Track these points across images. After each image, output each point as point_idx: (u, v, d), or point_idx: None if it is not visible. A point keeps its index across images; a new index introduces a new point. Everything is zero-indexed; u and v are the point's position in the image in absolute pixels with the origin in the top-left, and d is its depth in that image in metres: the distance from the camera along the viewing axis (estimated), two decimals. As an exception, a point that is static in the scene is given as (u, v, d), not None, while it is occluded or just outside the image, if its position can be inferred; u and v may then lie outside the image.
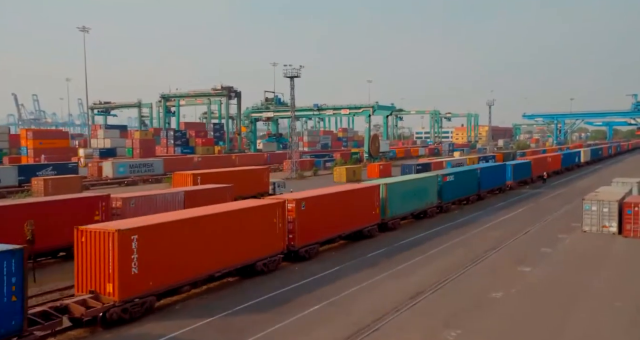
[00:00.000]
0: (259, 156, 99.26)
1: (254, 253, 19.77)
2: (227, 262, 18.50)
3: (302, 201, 22.46)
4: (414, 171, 56.71)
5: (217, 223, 18.08)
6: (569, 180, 64.40)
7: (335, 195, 25.25)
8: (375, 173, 72.62)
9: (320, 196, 24.05)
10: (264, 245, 20.28)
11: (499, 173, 50.04)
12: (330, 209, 24.51)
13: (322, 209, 23.86)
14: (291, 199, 22.16)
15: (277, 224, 20.81)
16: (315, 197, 23.68)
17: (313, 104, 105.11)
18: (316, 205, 23.50)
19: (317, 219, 23.45)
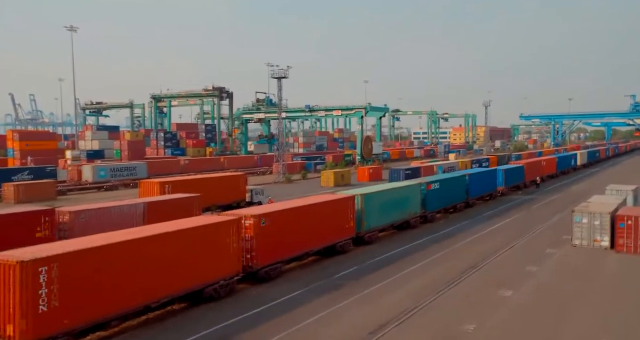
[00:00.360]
0: (249, 159, 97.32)
1: (203, 278, 17.78)
2: (168, 290, 16.51)
3: (262, 217, 20.46)
4: (402, 176, 54.73)
5: (157, 246, 16.10)
6: (564, 185, 62.42)
7: (303, 209, 23.23)
8: (366, 177, 70.73)
9: (284, 211, 22.02)
10: (215, 269, 18.29)
11: (490, 179, 48.06)
12: (297, 224, 22.52)
13: (287, 225, 21.87)
14: (249, 215, 20.16)
15: (231, 244, 18.82)
16: (278, 212, 21.66)
17: (305, 105, 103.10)
18: (280, 220, 21.51)
19: (281, 236, 21.47)
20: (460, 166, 69.02)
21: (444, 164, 65.74)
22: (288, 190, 58.86)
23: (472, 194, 43.30)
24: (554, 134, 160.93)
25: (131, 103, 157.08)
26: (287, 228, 21.88)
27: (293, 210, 22.55)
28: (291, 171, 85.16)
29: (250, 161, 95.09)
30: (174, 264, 16.59)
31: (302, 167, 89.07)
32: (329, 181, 63.53)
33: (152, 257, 15.83)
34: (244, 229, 19.99)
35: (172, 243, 16.61)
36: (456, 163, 68.71)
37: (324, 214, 24.51)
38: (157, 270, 15.99)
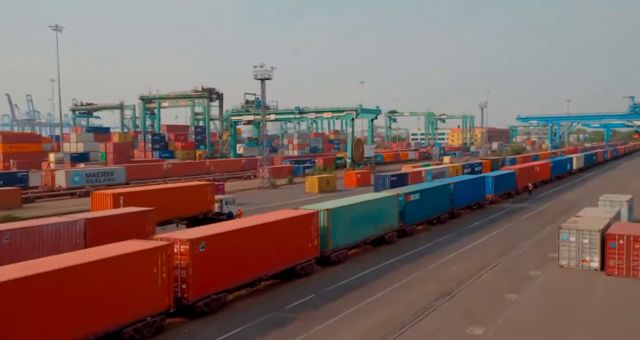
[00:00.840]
0: (236, 162, 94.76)
1: (120, 316, 15.26)
2: (73, 334, 13.99)
3: (200, 241, 17.94)
4: (387, 183, 52.26)
5: (58, 283, 13.58)
6: (558, 191, 59.91)
7: (253, 229, 20.67)
8: (353, 182, 68.25)
9: (229, 233, 19.48)
10: (138, 304, 15.76)
11: (478, 186, 45.55)
12: (246, 246, 20.00)
13: (233, 248, 19.36)
14: (184, 239, 17.63)
15: (158, 275, 16.31)
16: (222, 234, 19.11)
17: (295, 107, 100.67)
18: (224, 243, 18.99)
19: (225, 261, 18.96)
20: (450, 171, 66.46)
21: (433, 169, 63.19)
22: (269, 197, 56.34)
23: (458, 203, 40.80)
24: (551, 136, 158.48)
25: (121, 104, 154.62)
26: (234, 251, 19.37)
27: (241, 231, 20.00)
28: (279, 175, 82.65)
29: (237, 164, 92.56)
30: (84, 301, 14.07)
31: (290, 171, 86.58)
32: (313, 187, 61.01)
33: (55, 296, 13.32)
34: (178, 255, 17.49)
35: (81, 277, 14.08)
36: (446, 168, 66.15)
37: (281, 233, 22.00)
38: (60, 311, 13.47)
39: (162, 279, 16.43)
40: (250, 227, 20.47)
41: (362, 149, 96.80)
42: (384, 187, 52.54)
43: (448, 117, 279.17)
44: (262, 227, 21.04)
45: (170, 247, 16.98)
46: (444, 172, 65.00)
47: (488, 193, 48.79)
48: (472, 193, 43.97)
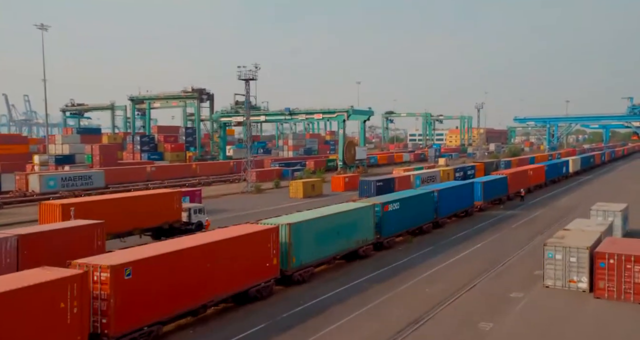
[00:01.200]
0: (224, 164, 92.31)
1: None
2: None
3: (125, 267, 15.63)
4: (373, 188, 49.97)
5: None
6: (552, 196, 57.56)
7: (195, 251, 18.29)
8: (340, 186, 65.92)
9: (163, 256, 17.10)
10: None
11: (465, 193, 43.21)
12: (185, 269, 17.69)
13: (168, 272, 17.04)
14: (105, 266, 15.31)
15: (67, 310, 14.00)
16: (153, 258, 16.75)
17: (285, 108, 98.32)
18: (156, 268, 16.66)
19: (157, 288, 16.63)
20: (441, 175, 64.17)
21: (422, 173, 60.84)
22: (250, 203, 54.02)
23: (442, 212, 38.46)
24: (549, 137, 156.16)
25: (112, 104, 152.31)
26: (170, 276, 17.05)
27: (178, 253, 17.65)
28: (267, 178, 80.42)
29: (225, 167, 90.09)
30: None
31: (279, 174, 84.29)
32: (298, 192, 58.66)
33: None
34: (98, 285, 15.19)
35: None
36: (437, 172, 63.83)
37: (231, 253, 19.68)
38: None
39: (72, 314, 14.12)
40: (191, 249, 18.11)
41: (353, 151, 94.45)
42: (369, 193, 50.31)
43: (446, 117, 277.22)
44: (206, 247, 18.69)
45: (85, 276, 14.66)
46: (434, 177, 62.72)
47: (477, 200, 46.49)
48: (459, 200, 41.65)
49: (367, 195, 50.36)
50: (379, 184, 50.59)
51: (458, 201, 41.52)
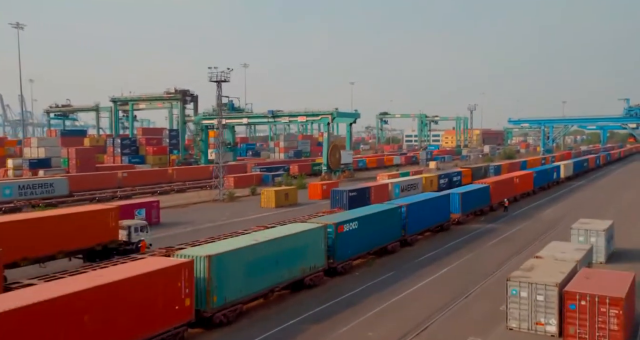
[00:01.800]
0: (203, 169, 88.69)
1: None
2: None
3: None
4: (345, 199, 46.69)
5: None
6: (538, 206, 54.26)
7: (70, 300, 14.85)
8: (318, 194, 62.57)
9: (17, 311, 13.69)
10: None
11: (440, 206, 39.89)
12: (57, 325, 14.35)
13: (30, 332, 13.72)
14: None
15: None
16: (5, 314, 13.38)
17: (267, 111, 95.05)
18: (14, 328, 13.33)
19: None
20: (423, 183, 60.96)
21: (402, 181, 57.56)
22: (217, 213, 50.68)
23: (412, 228, 35.18)
24: (543, 140, 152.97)
25: (96, 106, 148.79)
26: (32, 336, 13.72)
27: (43, 305, 14.26)
28: (246, 184, 77.15)
29: (204, 172, 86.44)
30: None
31: (258, 180, 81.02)
32: (269, 201, 55.31)
33: None
34: None
35: None
36: (418, 180, 60.57)
37: (125, 297, 16.34)
38: None
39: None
40: (64, 297, 14.70)
41: (338, 155, 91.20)
42: (341, 204, 47.08)
43: (442, 118, 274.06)
44: (75, 298, 15.09)
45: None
46: (415, 184, 59.52)
47: (455, 212, 43.24)
48: (432, 214, 38.37)
49: (339, 206, 47.15)
50: (352, 194, 47.28)
51: (432, 215, 38.25)
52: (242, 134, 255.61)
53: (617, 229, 33.53)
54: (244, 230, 32.02)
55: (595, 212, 47.89)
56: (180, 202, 59.42)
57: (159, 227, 41.92)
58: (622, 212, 48.65)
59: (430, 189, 62.80)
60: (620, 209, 51.16)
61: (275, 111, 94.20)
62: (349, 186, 50.50)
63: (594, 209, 50.12)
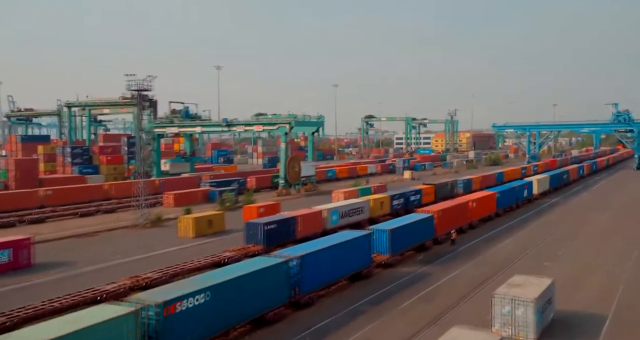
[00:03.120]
0: (147, 184, 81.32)
1: None
2: None
3: None
4: (260, 234, 39.96)
5: None
6: (494, 236, 47.22)
7: None
8: (254, 217, 55.42)
9: None
10: None
11: (358, 248, 32.86)
12: None
13: None
14: None
15: None
16: None
17: (222, 119, 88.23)
18: None
19: None
20: (371, 206, 54.16)
21: (341, 206, 50.48)
22: (120, 246, 43.50)
23: (309, 285, 28.19)
24: (529, 146, 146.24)
25: (58, 110, 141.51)
26: None
27: None
28: (189, 202, 70.30)
29: (149, 186, 79.30)
30: None
31: (205, 197, 74.07)
32: (187, 230, 48.28)
33: None
34: None
35: None
36: (364, 203, 53.63)
37: None
38: None
39: None
40: None
41: (298, 167, 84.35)
42: (256, 240, 40.31)
43: (431, 121, 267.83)
44: None
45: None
46: (360, 209, 52.74)
47: (382, 252, 36.44)
48: (344, 261, 31.41)
49: (254, 242, 40.42)
50: (269, 227, 40.39)
51: (343, 262, 31.30)
52: (226, 137, 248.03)
53: (575, 275, 26.88)
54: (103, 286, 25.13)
55: (555, 247, 41.19)
56: (95, 227, 52.55)
57: (25, 273, 35.13)
58: (586, 247, 41.91)
59: (380, 213, 56.08)
60: (586, 240, 44.41)
61: (230, 120, 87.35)
62: (266, 218, 43.35)
63: (555, 243, 43.36)
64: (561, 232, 48.59)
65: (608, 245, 42.62)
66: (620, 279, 32.39)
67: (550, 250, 40.86)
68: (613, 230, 49.53)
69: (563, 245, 42.64)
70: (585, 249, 41.42)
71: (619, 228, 50.44)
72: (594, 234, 47.71)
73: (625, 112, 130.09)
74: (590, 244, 43.46)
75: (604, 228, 50.50)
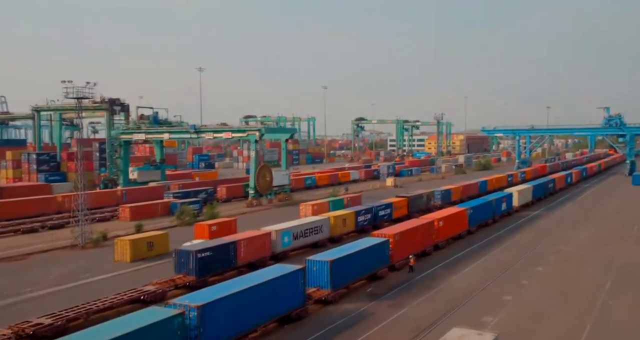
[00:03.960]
0: (108, 194, 77.30)
1: None
2: None
3: None
4: (192, 263, 35.71)
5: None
6: (459, 260, 42.91)
7: None
8: (205, 236, 50.85)
9: None
10: None
11: (284, 289, 28.66)
12: None
13: None
14: None
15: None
16: None
17: (190, 126, 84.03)
18: None
19: None
20: (331, 224, 50.04)
21: (294, 227, 46.15)
22: (39, 274, 39.10)
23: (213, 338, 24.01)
24: (518, 151, 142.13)
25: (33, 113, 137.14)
26: None
27: None
28: (149, 215, 66.17)
29: (109, 198, 74.99)
30: None
31: (166, 209, 69.76)
32: (124, 254, 43.94)
33: None
34: None
35: None
36: (324, 220, 49.47)
37: None
38: None
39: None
40: None
41: (269, 176, 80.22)
42: (187, 270, 36.15)
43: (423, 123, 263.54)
44: None
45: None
46: (318, 228, 48.61)
47: (322, 286, 32.32)
48: (266, 304, 27.10)
49: (185, 271, 36.24)
50: (203, 255, 36.16)
51: (266, 305, 27.07)
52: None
53: (535, 316, 22.65)
54: None
55: (522, 275, 36.96)
56: (26, 249, 48.26)
57: None
58: (556, 275, 37.76)
59: (343, 231, 52.00)
60: (558, 267, 40.25)
61: (198, 127, 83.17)
62: (199, 244, 39.05)
63: (522, 269, 39.18)
64: (532, 255, 44.42)
65: (581, 274, 38.49)
66: (584, 324, 28.21)
67: (515, 280, 36.75)
68: (590, 253, 45.45)
69: (530, 273, 38.52)
70: (555, 279, 37.30)
71: (597, 250, 46.32)
72: (569, 258, 43.57)
73: (617, 116, 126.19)
74: (561, 272, 39.32)
75: (581, 251, 46.36)
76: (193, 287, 33.57)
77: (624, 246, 47.64)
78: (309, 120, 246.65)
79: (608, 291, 33.87)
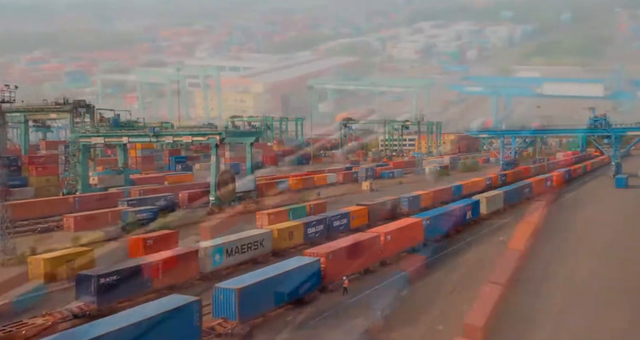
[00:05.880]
0: (59, 202, 73.66)
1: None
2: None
3: None
4: (93, 289, 32.13)
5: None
6: (400, 280, 39.53)
7: None
8: (140, 252, 47.05)
9: None
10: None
11: (169, 328, 25.17)
12: None
13: None
14: None
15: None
16: None
17: (149, 129, 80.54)
18: None
19: None
20: (275, 237, 46.54)
21: (229, 241, 42.41)
22: None
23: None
24: (502, 153, 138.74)
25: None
26: None
27: None
28: (98, 226, 62.45)
29: (60, 206, 71.16)
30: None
31: (116, 218, 66.08)
32: (38, 274, 40.14)
33: None
34: None
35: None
36: (265, 234, 45.93)
37: None
38: None
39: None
40: None
41: (231, 183, 76.79)
42: (88, 294, 32.63)
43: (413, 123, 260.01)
44: None
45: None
46: (258, 242, 45.11)
47: (229, 317, 28.83)
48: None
49: (88, 299, 32.71)
50: (106, 280, 32.61)
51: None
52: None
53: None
54: None
55: (455, 304, 33.38)
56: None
57: None
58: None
59: (290, 244, 48.55)
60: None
61: (157, 130, 79.68)
62: (104, 269, 35.44)
63: (457, 297, 35.64)
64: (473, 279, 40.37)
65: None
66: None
67: (441, 316, 33.24)
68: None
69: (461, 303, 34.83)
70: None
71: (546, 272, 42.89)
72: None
73: (602, 116, 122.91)
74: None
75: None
76: (95, 317, 30.11)
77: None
78: (296, 120, 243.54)
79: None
